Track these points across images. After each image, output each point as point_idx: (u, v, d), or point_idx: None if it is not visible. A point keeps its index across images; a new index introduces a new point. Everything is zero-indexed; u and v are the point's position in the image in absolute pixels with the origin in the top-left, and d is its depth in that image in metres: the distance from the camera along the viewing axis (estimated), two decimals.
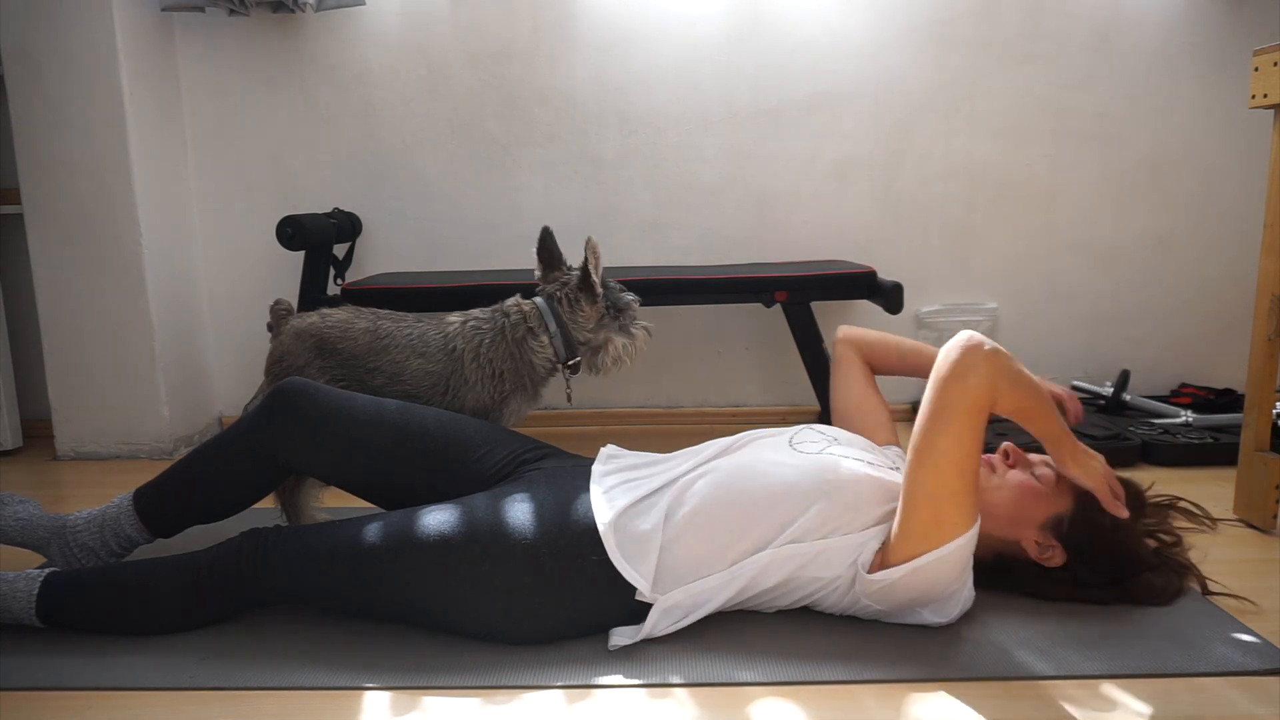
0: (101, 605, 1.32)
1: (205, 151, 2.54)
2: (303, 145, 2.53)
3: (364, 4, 2.39)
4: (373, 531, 1.29)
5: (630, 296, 1.76)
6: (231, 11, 2.38)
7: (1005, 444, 1.39)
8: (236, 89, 2.50)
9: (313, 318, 1.66)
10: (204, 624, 1.34)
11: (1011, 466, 1.37)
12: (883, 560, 1.24)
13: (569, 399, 1.78)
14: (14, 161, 2.28)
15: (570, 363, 1.70)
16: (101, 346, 2.33)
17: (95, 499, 2.03)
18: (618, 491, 1.32)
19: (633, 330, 1.75)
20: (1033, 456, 1.38)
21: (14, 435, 2.47)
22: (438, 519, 1.28)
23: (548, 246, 1.75)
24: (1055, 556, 1.33)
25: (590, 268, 1.67)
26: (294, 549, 1.30)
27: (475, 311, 1.71)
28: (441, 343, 1.66)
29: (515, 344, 1.66)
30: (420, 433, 1.42)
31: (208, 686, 1.19)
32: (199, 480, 1.44)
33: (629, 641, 1.25)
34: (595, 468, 1.39)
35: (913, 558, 1.20)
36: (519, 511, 1.28)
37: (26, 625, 1.32)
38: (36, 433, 2.53)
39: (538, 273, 1.77)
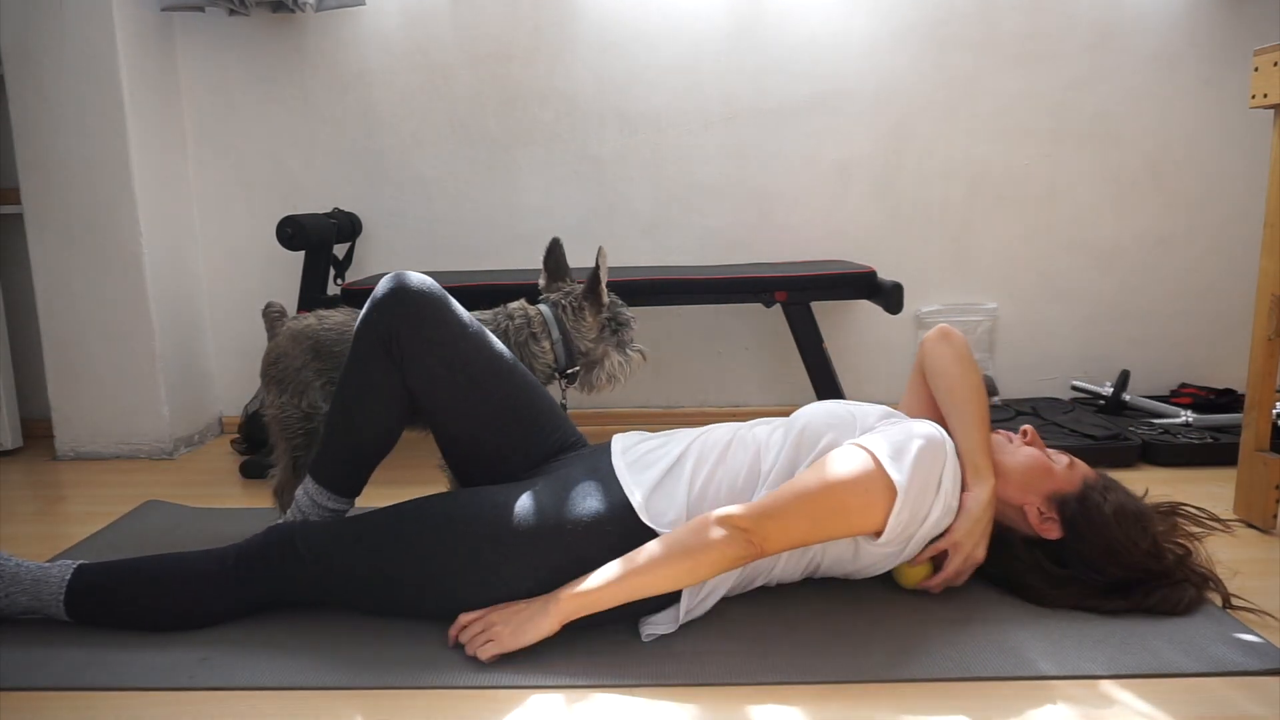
0: (128, 594, 1.32)
1: (205, 151, 2.54)
2: (303, 145, 2.53)
3: (364, 4, 2.39)
4: (396, 514, 1.33)
5: (630, 314, 1.77)
6: (231, 11, 2.38)
7: (1026, 425, 1.45)
8: (236, 89, 2.50)
9: (309, 319, 1.66)
10: (225, 618, 1.34)
11: (1028, 444, 1.42)
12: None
13: (564, 409, 1.77)
14: (14, 161, 2.28)
15: (569, 371, 1.70)
16: (101, 346, 2.33)
17: (95, 499, 2.04)
18: (638, 468, 1.35)
19: (629, 350, 1.76)
20: (1050, 449, 1.43)
21: (14, 435, 2.47)
22: (463, 504, 1.32)
23: (555, 256, 1.77)
24: (1053, 529, 1.35)
25: (601, 276, 1.67)
26: (320, 533, 1.34)
27: (476, 314, 1.71)
28: None
29: (518, 348, 1.66)
30: (512, 368, 1.45)
31: (208, 686, 1.19)
32: (352, 414, 1.41)
33: (667, 629, 1.27)
34: (614, 447, 1.42)
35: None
36: (546, 495, 1.31)
37: (52, 616, 1.33)
38: (36, 433, 2.53)
39: (542, 281, 1.77)
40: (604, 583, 1.21)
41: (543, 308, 1.71)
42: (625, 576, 1.21)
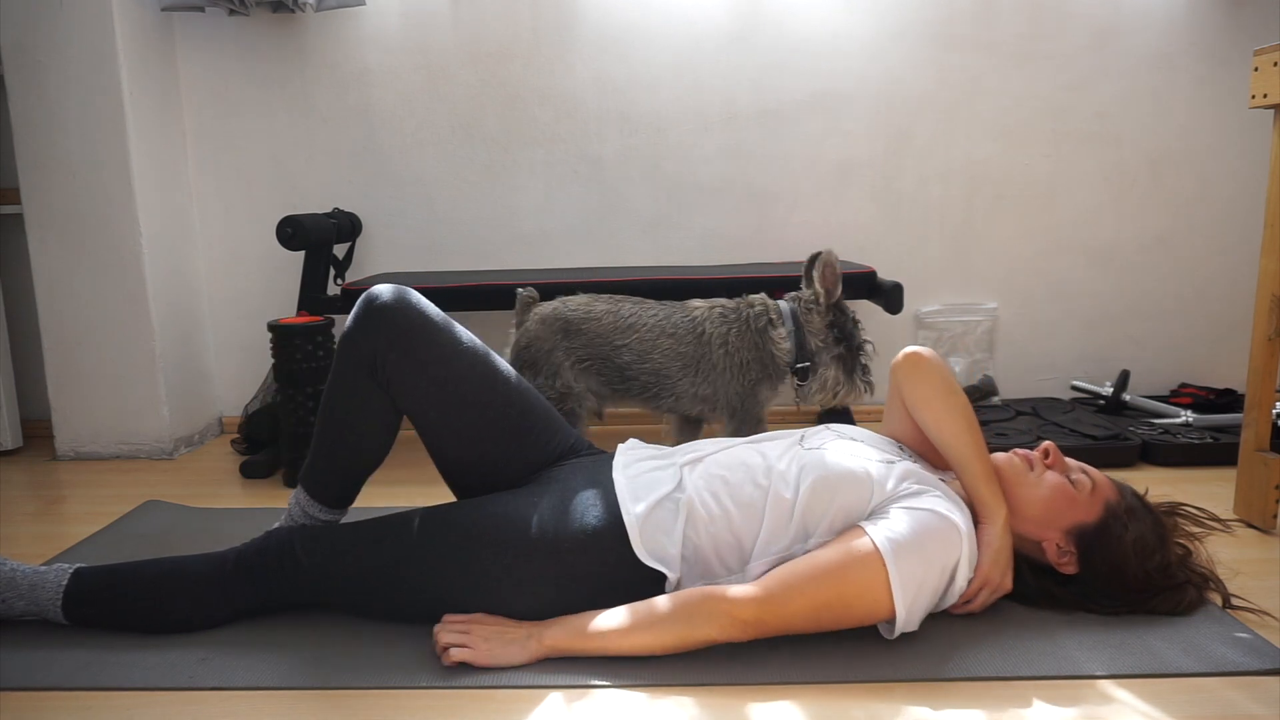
0: (126, 599, 1.32)
1: (205, 151, 2.54)
2: (303, 145, 2.53)
3: (364, 4, 2.39)
4: (397, 521, 1.33)
5: (865, 341, 1.87)
6: (231, 11, 2.38)
7: (1047, 443, 1.37)
8: (236, 89, 2.50)
9: (554, 304, 1.82)
10: (224, 621, 1.34)
11: (1050, 467, 1.35)
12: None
13: (799, 408, 1.87)
14: (14, 161, 2.28)
15: (799, 365, 1.81)
16: (101, 346, 2.33)
17: (94, 499, 2.04)
18: (637, 487, 1.32)
19: (855, 378, 1.85)
20: (1070, 462, 1.36)
21: (14, 435, 2.47)
22: (464, 511, 1.32)
23: (810, 266, 1.87)
24: (1070, 564, 1.32)
25: (815, 275, 1.83)
26: (319, 538, 1.33)
27: (720, 300, 1.87)
28: (689, 325, 1.82)
29: (757, 333, 1.80)
30: (506, 379, 1.42)
31: (208, 686, 1.19)
32: (339, 429, 1.39)
33: None
34: (617, 460, 1.39)
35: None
36: (546, 506, 1.30)
37: (50, 620, 1.33)
38: (36, 433, 2.53)
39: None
40: (591, 632, 1.21)
41: (780, 303, 1.85)
42: (613, 634, 1.20)
